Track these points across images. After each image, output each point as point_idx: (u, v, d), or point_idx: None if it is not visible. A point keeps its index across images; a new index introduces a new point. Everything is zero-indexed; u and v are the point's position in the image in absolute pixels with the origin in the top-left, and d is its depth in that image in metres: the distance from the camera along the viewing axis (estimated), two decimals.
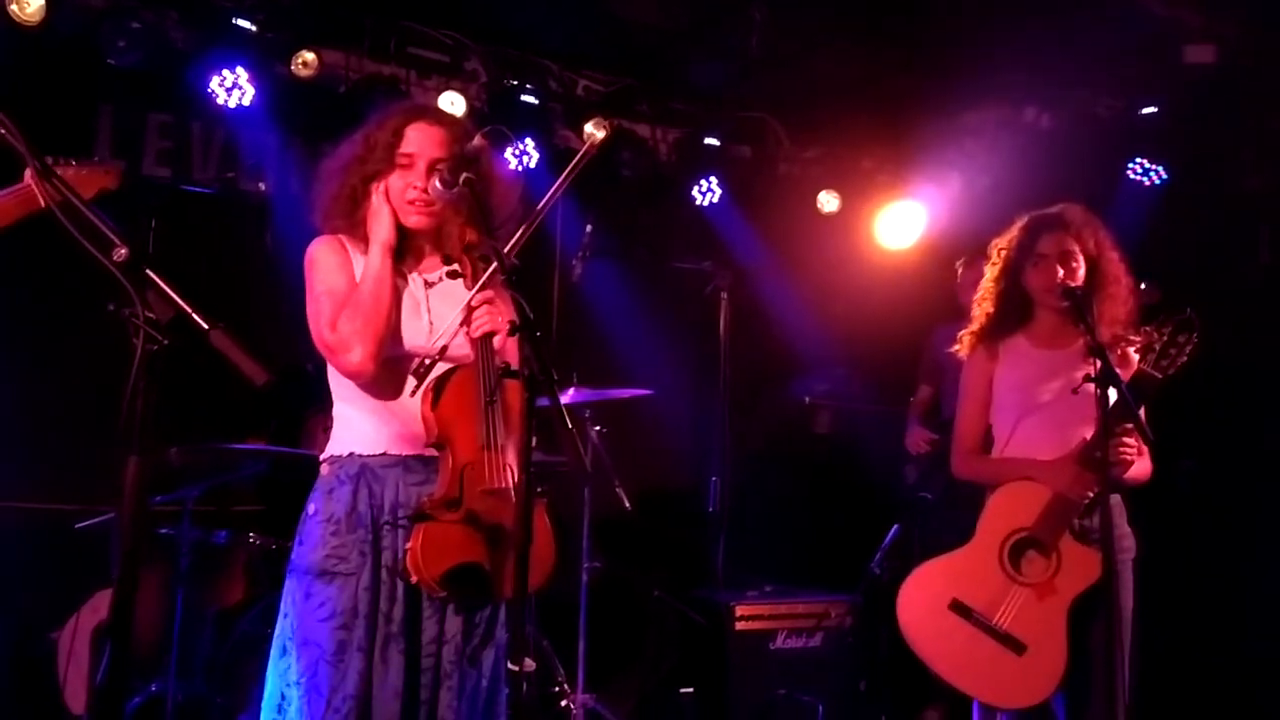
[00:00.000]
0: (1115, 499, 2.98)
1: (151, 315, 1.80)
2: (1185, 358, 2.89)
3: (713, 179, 5.68)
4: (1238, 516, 4.86)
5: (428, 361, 2.30)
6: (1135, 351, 2.99)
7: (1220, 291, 4.56)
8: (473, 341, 2.33)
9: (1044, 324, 3.19)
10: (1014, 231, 3.23)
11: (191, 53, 4.51)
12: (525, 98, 5.13)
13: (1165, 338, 2.89)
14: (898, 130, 5.71)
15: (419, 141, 2.43)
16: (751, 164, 5.89)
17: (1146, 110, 5.04)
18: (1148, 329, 2.97)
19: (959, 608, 3.02)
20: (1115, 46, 4.83)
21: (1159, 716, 3.91)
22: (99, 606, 3.89)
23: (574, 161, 2.45)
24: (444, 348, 2.33)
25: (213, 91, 4.51)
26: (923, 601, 3.08)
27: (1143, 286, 3.03)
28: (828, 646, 4.52)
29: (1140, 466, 3.07)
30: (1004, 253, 3.23)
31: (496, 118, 4.96)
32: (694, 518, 5.08)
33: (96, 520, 3.83)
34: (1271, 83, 4.72)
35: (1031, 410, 3.12)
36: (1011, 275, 3.20)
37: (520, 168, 5.05)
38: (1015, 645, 2.96)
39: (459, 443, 2.34)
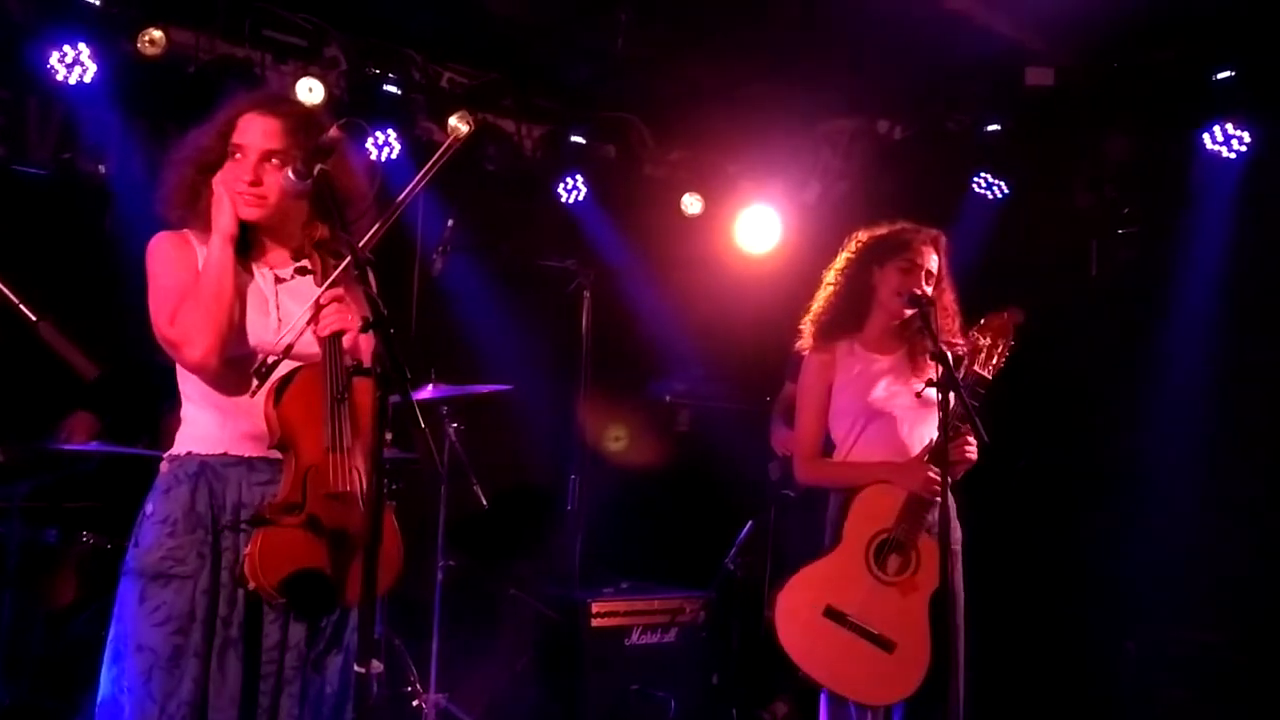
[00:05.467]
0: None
1: None
2: (1005, 358, 3.07)
3: (578, 177, 5.68)
4: (1067, 512, 5.14)
5: (270, 360, 2.24)
6: (962, 355, 3.16)
7: (1054, 302, 4.82)
8: (320, 340, 2.27)
9: (874, 328, 3.32)
10: (885, 229, 3.34)
11: (29, 26, 4.28)
12: (387, 87, 5.03)
13: (989, 340, 3.07)
14: (759, 137, 5.83)
15: (250, 132, 2.37)
16: (617, 164, 5.91)
17: (991, 127, 5.27)
18: (972, 333, 3.14)
19: (833, 614, 3.11)
20: (964, 66, 5.05)
21: (991, 702, 4.11)
22: None
23: (437, 155, 2.42)
24: (289, 346, 2.27)
25: (52, 67, 4.28)
26: (799, 614, 3.14)
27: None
28: (682, 642, 4.59)
29: None
30: (865, 244, 3.34)
31: (357, 107, 4.86)
32: (552, 515, 5.09)
33: None
34: (1103, 107, 5.01)
35: (874, 417, 3.25)
36: (865, 267, 3.31)
37: (381, 159, 4.95)
38: (885, 644, 3.08)
39: (302, 444, 2.27)
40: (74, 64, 4.29)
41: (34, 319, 1.72)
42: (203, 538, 2.28)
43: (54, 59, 4.28)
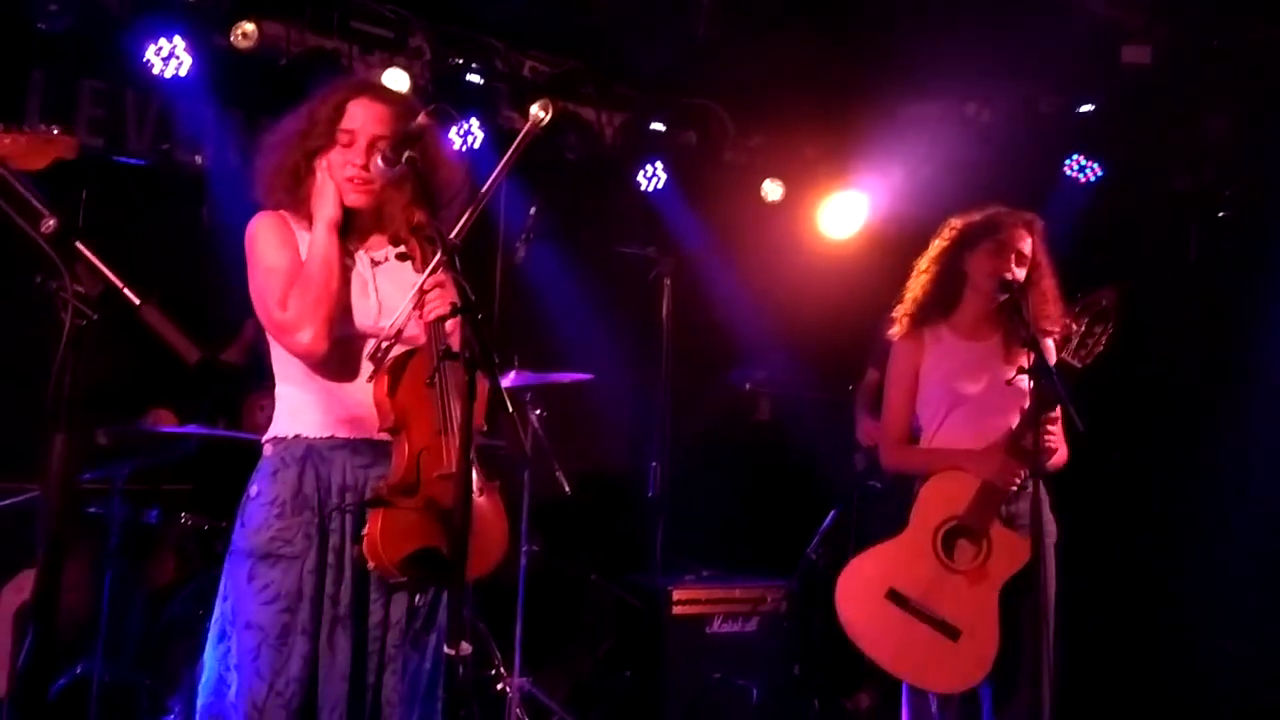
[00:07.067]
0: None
1: (80, 289, 1.76)
2: (1102, 347, 2.98)
3: (658, 164, 5.67)
4: (1163, 506, 5.00)
5: (384, 345, 2.28)
6: (1053, 342, 3.07)
7: (1151, 288, 4.67)
8: (425, 325, 2.30)
9: (967, 314, 3.26)
10: (977, 214, 3.28)
11: (126, 19, 4.39)
12: (470, 77, 5.07)
13: (1083, 328, 2.97)
14: (841, 121, 5.75)
15: (361, 118, 2.39)
16: (697, 150, 5.88)
17: (1085, 108, 5.13)
18: (1065, 320, 3.05)
19: (895, 597, 3.09)
20: (1056, 45, 4.91)
21: (1083, 700, 4.01)
22: (23, 586, 3.79)
23: (516, 142, 2.44)
24: (400, 331, 2.31)
25: (148, 60, 4.39)
26: (860, 593, 3.13)
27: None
28: (763, 631, 4.57)
29: (1058, 454, 3.17)
30: (958, 229, 3.28)
31: (441, 96, 4.90)
32: (633, 502, 5.09)
33: (21, 499, 3.73)
34: (1202, 87, 4.84)
35: (958, 403, 3.21)
36: (958, 253, 3.26)
37: (464, 148, 5.00)
38: (950, 631, 3.03)
39: (415, 428, 2.32)
40: (170, 57, 4.40)
41: (137, 302, 1.76)
42: (310, 519, 2.33)
43: (150, 52, 4.38)
